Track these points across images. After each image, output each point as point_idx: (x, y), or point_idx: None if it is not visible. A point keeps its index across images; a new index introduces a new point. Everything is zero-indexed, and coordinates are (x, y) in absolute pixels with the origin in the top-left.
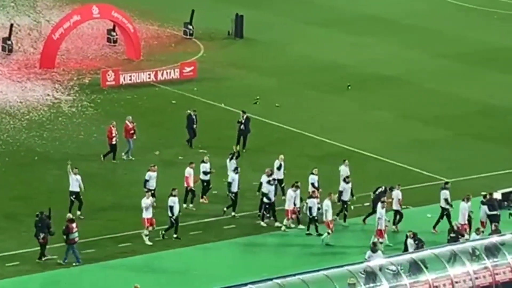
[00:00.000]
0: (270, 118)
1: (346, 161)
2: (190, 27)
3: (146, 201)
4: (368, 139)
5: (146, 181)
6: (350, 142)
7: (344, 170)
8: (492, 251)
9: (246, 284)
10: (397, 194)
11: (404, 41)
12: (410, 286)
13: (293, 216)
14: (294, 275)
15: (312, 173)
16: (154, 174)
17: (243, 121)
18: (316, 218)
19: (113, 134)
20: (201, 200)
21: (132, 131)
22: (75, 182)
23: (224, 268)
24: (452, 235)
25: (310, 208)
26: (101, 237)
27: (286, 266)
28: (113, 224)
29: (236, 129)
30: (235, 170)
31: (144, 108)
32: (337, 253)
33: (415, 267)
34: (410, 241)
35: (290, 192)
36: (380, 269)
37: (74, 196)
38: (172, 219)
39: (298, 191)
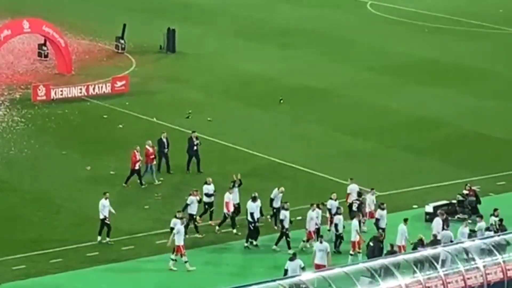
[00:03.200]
0: (202, 132)
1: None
2: (122, 41)
3: (179, 226)
4: (298, 152)
5: (187, 205)
6: (281, 155)
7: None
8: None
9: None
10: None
11: (333, 54)
12: None
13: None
14: None
15: (331, 198)
16: (196, 198)
17: (198, 142)
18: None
19: (137, 159)
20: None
21: (153, 156)
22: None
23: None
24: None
25: (336, 225)
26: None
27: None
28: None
29: (187, 150)
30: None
31: (76, 123)
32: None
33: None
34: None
35: (310, 213)
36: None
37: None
38: None
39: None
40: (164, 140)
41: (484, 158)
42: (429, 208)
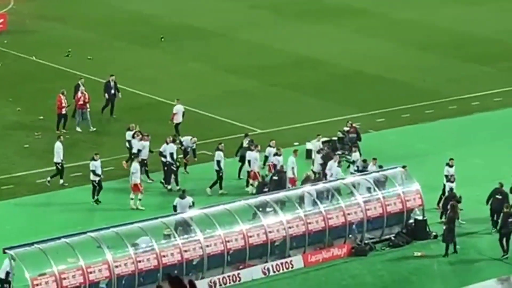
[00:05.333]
0: (82, 70)
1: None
2: None
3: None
4: (182, 91)
5: (139, 151)
6: (164, 94)
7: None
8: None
9: (59, 238)
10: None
11: None
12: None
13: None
14: (109, 228)
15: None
16: (146, 143)
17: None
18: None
19: (63, 104)
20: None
21: (82, 102)
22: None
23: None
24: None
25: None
26: None
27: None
28: None
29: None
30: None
31: None
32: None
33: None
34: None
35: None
36: (192, 219)
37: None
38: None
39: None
40: (112, 83)
41: (364, 95)
42: (310, 145)
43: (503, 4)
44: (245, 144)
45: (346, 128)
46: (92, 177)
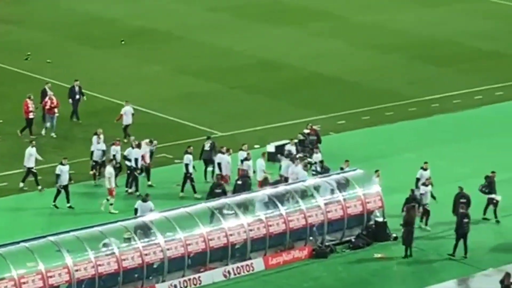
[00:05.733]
0: (41, 74)
1: None
2: None
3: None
4: (141, 94)
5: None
6: (123, 97)
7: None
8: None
9: (18, 242)
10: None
11: None
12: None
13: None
14: (68, 231)
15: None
16: (118, 148)
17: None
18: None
19: (30, 109)
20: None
21: (48, 107)
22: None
23: None
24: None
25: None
26: None
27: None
28: None
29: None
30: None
31: None
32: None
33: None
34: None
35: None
36: (152, 222)
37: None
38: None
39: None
40: (77, 88)
41: (325, 98)
42: (270, 148)
43: (462, 6)
44: (206, 147)
45: (306, 131)
46: (60, 181)
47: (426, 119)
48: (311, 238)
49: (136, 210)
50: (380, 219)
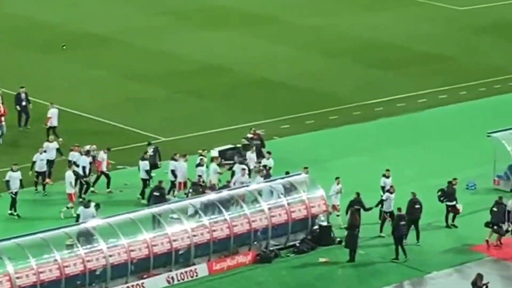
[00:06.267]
0: None
1: None
2: None
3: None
4: (83, 99)
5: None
6: (65, 102)
7: None
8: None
9: None
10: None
11: (113, 1)
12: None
13: None
14: (9, 239)
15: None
16: (77, 154)
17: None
18: None
19: None
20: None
21: None
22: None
23: None
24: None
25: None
26: None
27: None
28: None
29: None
30: None
31: None
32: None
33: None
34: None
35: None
36: (95, 228)
37: None
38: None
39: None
40: (23, 95)
41: (269, 102)
42: (214, 153)
43: (407, 10)
44: (150, 152)
45: (249, 135)
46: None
47: (370, 122)
48: (255, 243)
49: (78, 216)
50: (325, 223)
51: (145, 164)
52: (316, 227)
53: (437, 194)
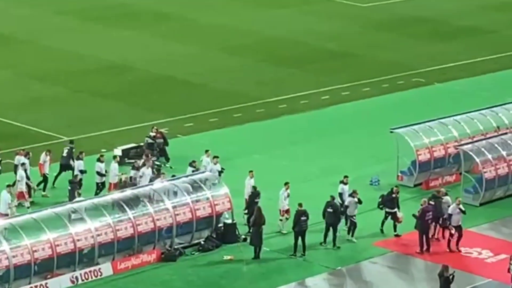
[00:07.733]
0: None
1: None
2: None
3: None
4: None
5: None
6: None
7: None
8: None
9: None
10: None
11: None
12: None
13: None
14: None
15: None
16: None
17: None
18: None
19: None
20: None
21: None
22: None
23: None
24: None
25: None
26: None
27: None
28: None
29: None
30: None
31: None
32: None
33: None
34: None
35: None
36: None
37: None
38: None
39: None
40: None
41: (172, 100)
42: (117, 151)
43: (309, 8)
44: (64, 153)
45: (152, 134)
46: None
47: (274, 120)
48: (159, 241)
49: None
50: (229, 221)
51: (79, 164)
52: (220, 224)
53: (378, 201)
